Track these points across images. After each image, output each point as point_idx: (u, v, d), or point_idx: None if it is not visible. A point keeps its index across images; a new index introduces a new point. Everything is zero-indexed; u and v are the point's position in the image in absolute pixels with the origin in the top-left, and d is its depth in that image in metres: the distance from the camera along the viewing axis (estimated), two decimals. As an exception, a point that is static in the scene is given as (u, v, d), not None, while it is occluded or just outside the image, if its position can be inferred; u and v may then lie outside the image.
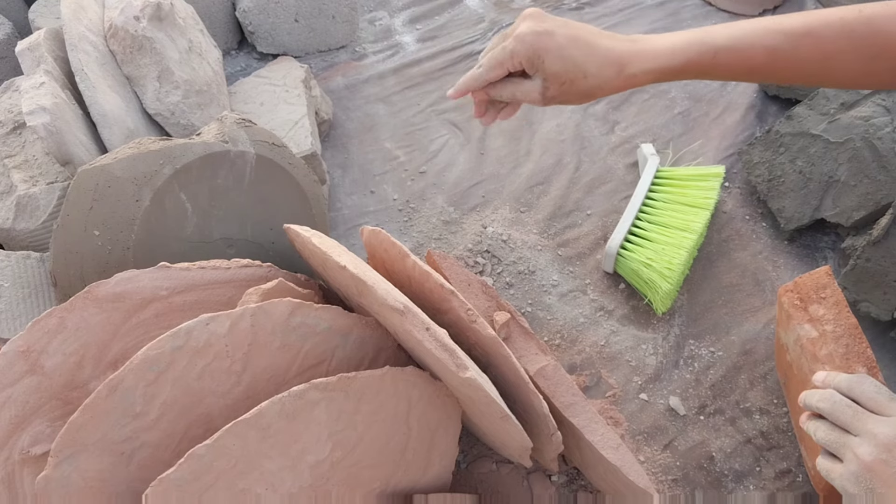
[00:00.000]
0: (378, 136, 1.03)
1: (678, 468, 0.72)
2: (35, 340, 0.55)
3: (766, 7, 1.22)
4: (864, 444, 0.50)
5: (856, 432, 0.51)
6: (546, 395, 0.63)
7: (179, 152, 0.65)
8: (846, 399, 0.53)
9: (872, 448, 0.49)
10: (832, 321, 0.64)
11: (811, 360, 0.63)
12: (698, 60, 0.60)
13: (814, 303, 0.65)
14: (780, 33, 0.59)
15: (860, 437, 0.51)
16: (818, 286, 0.66)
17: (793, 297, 0.67)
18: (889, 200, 0.80)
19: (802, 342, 0.64)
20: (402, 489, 0.62)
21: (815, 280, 0.67)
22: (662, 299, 0.81)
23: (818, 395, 0.55)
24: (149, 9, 0.79)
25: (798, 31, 0.59)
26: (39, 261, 0.71)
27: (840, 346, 0.62)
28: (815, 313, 0.65)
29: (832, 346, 0.62)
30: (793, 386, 0.70)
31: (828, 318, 0.64)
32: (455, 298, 0.57)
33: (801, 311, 0.66)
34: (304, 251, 0.66)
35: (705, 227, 0.86)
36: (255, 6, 1.05)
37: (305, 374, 0.57)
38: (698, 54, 0.60)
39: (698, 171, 0.90)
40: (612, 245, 0.84)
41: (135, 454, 0.52)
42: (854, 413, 0.52)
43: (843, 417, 0.53)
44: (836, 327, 0.63)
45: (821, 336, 0.63)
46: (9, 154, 0.77)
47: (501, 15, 1.24)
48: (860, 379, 0.54)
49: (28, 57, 0.76)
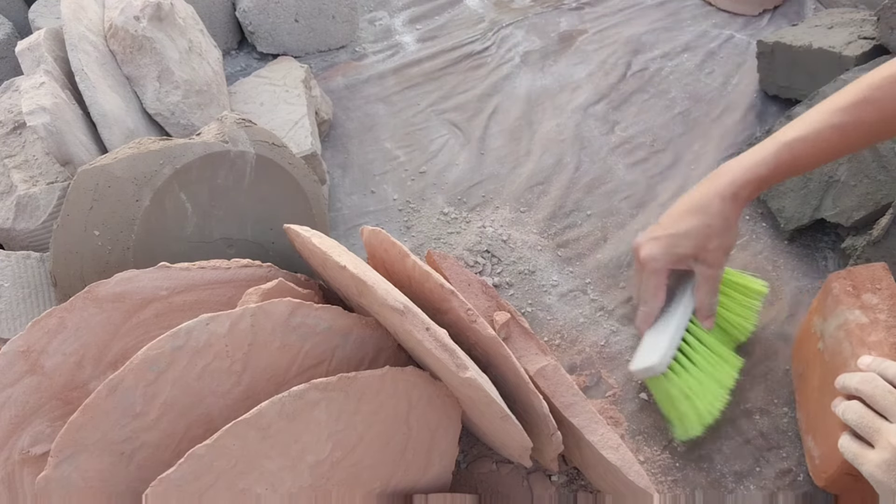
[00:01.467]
0: (378, 136, 1.03)
1: (678, 468, 0.72)
2: (35, 340, 0.55)
3: (766, 7, 1.22)
4: None
5: (893, 419, 0.51)
6: (546, 395, 0.63)
7: (179, 152, 0.65)
8: (889, 385, 0.53)
9: None
10: (886, 311, 0.64)
11: (857, 345, 0.63)
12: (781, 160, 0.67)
13: (867, 292, 0.66)
14: (840, 111, 0.66)
15: None
16: (874, 278, 0.66)
17: (845, 284, 0.67)
18: (889, 200, 0.80)
19: (850, 326, 0.64)
20: (402, 489, 0.62)
21: (872, 272, 0.67)
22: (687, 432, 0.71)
23: (859, 377, 0.55)
24: (149, 9, 0.79)
25: (856, 102, 0.65)
26: (39, 261, 0.71)
27: (892, 335, 0.62)
28: (869, 301, 0.65)
29: (883, 334, 0.62)
30: (815, 376, 0.69)
31: (882, 307, 0.64)
32: (455, 298, 0.57)
33: (853, 297, 0.66)
34: (304, 251, 0.66)
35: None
36: (255, 6, 1.05)
37: (305, 374, 0.57)
38: (777, 154, 0.67)
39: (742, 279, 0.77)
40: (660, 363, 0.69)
41: (135, 454, 0.52)
42: (895, 400, 0.52)
43: (882, 402, 0.52)
44: (890, 317, 0.63)
45: (872, 323, 0.63)
46: (9, 154, 0.77)
47: (501, 15, 1.24)
48: None
49: (28, 57, 0.76)
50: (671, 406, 0.72)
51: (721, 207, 0.68)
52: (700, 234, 0.69)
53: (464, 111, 1.06)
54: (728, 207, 0.68)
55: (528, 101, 1.09)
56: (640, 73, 1.13)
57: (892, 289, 0.65)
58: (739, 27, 1.20)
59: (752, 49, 1.14)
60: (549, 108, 1.08)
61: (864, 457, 0.52)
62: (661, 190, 0.96)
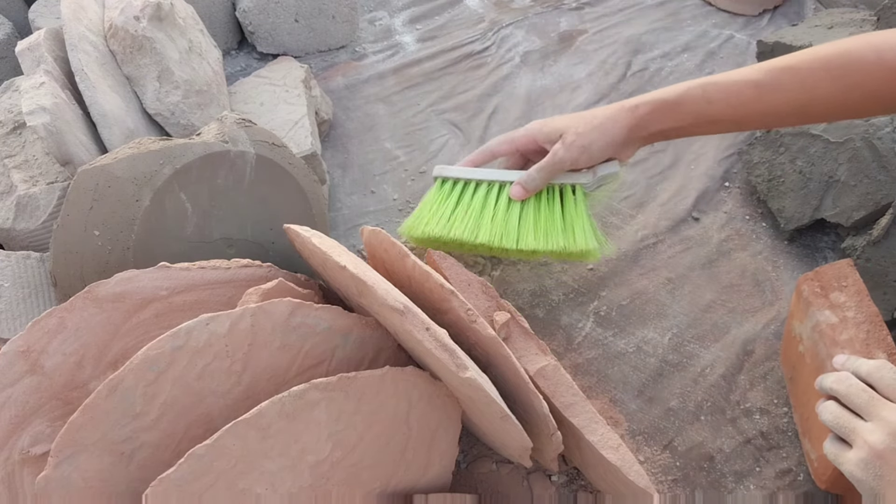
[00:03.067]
0: (378, 136, 1.03)
1: (678, 468, 0.72)
2: (35, 340, 0.55)
3: (766, 7, 1.22)
4: (877, 432, 0.50)
5: (868, 417, 0.51)
6: (546, 395, 0.63)
7: (179, 152, 0.65)
8: (862, 383, 0.53)
9: (884, 436, 0.49)
10: (853, 308, 0.64)
11: (830, 345, 0.63)
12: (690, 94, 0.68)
13: (835, 290, 0.66)
14: (763, 70, 0.66)
15: (872, 423, 0.50)
16: (840, 275, 0.67)
17: (813, 286, 0.67)
18: (889, 200, 0.80)
19: (821, 328, 0.64)
20: (402, 489, 0.62)
21: (837, 270, 0.67)
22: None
23: (833, 377, 0.55)
24: (149, 9, 0.79)
25: (779, 66, 0.65)
26: (39, 261, 0.71)
27: (861, 331, 0.62)
28: (837, 300, 0.65)
29: (853, 332, 0.62)
30: (802, 378, 0.69)
31: (849, 304, 0.64)
32: (455, 298, 0.57)
33: (821, 297, 0.66)
34: (304, 251, 0.66)
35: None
36: (255, 6, 1.05)
37: (305, 374, 0.57)
38: (688, 88, 0.68)
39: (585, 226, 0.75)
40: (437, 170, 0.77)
41: (135, 454, 0.52)
42: (869, 398, 0.52)
43: (856, 401, 0.52)
44: (858, 314, 0.63)
45: (841, 322, 0.64)
46: (9, 154, 0.77)
47: (501, 15, 1.24)
48: (880, 365, 0.53)
49: (28, 57, 0.76)
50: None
51: (615, 111, 0.70)
52: (576, 120, 0.71)
53: (464, 111, 1.06)
54: (620, 114, 0.70)
55: (528, 101, 1.08)
56: (640, 73, 1.13)
57: (858, 284, 0.66)
58: (739, 27, 1.20)
59: (752, 49, 1.14)
60: (549, 108, 1.08)
61: (843, 457, 0.52)
62: (660, 190, 0.96)
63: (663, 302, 0.85)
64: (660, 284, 0.86)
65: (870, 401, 0.52)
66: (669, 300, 0.85)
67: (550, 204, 0.75)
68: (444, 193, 0.77)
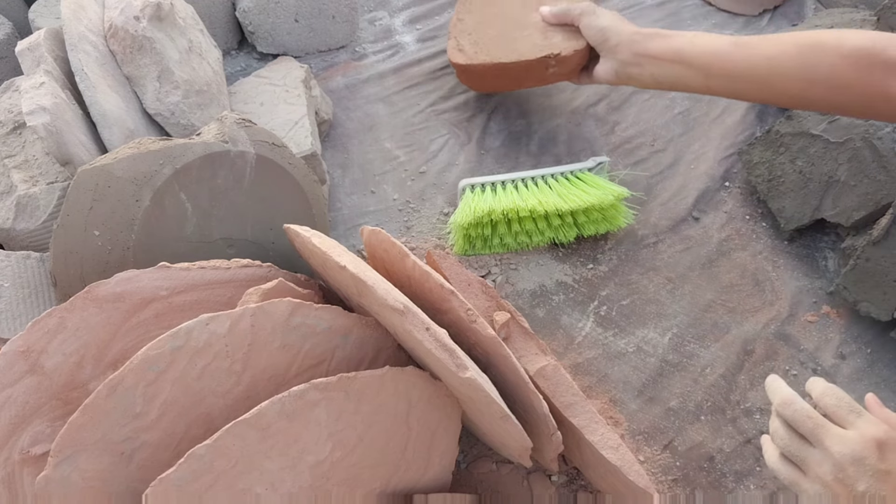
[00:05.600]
0: (378, 136, 1.03)
1: (678, 468, 0.72)
2: (35, 340, 0.55)
3: (766, 7, 1.22)
4: (824, 464, 0.49)
5: (815, 445, 0.51)
6: (546, 395, 0.63)
7: (179, 152, 0.65)
8: (808, 407, 0.52)
9: (830, 467, 0.49)
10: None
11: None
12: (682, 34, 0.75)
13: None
14: (749, 37, 0.72)
15: (820, 453, 0.50)
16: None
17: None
18: (889, 200, 0.80)
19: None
20: (402, 489, 0.62)
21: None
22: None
23: (779, 399, 0.54)
24: (149, 9, 0.79)
25: (758, 36, 0.71)
26: (39, 261, 0.71)
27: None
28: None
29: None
30: None
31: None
32: (455, 298, 0.57)
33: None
34: (304, 251, 0.66)
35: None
36: (255, 6, 1.05)
37: (305, 374, 0.57)
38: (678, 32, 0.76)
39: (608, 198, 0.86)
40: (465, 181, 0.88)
41: (135, 454, 0.52)
42: (814, 426, 0.51)
43: (802, 428, 0.52)
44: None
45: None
46: (9, 154, 0.77)
47: (501, 15, 1.24)
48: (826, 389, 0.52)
49: (28, 57, 0.76)
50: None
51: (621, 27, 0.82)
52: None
53: (464, 111, 1.06)
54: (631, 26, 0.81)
55: (529, 101, 1.08)
56: (640, 73, 1.13)
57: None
58: (739, 27, 1.20)
59: (752, 49, 1.13)
60: (549, 108, 1.07)
61: (799, 486, 0.51)
62: (660, 189, 0.96)
63: (663, 302, 0.85)
64: (660, 284, 0.87)
65: (814, 428, 0.51)
66: (669, 300, 0.85)
67: (572, 181, 0.88)
68: (478, 193, 0.87)
